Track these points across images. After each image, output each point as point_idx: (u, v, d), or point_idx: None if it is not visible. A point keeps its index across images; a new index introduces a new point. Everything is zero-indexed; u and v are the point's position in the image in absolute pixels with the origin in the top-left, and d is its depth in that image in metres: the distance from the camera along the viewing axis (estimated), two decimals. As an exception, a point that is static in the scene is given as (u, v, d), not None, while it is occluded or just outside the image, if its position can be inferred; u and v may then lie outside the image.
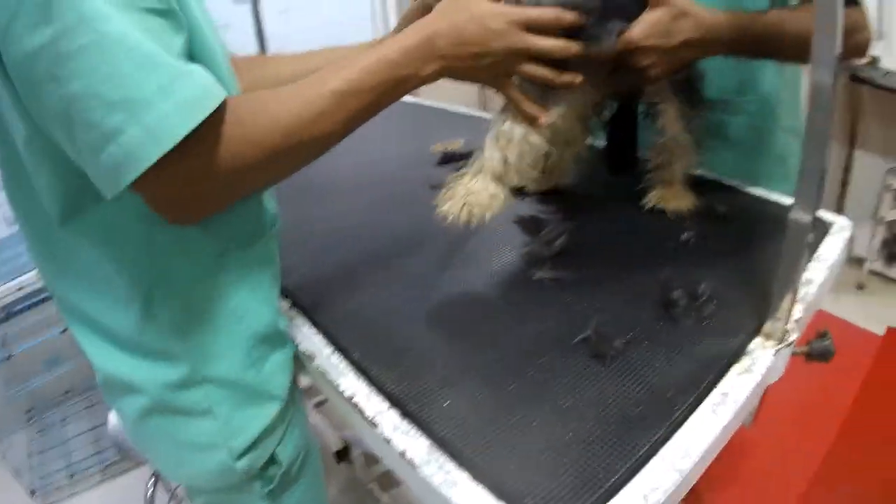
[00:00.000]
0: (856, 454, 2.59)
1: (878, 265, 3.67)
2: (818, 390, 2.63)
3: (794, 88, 1.58)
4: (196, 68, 0.75)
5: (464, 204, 1.06)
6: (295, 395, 1.13)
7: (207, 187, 0.80)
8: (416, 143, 1.07)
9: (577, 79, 1.03)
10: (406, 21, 1.24)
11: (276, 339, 1.05)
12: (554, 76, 1.00)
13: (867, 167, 3.83)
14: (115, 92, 0.69)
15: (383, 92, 0.91)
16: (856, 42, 1.25)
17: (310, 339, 1.09)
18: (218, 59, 0.87)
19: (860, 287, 3.65)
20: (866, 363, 3.04)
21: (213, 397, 0.98)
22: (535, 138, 1.07)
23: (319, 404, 2.08)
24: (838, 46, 0.81)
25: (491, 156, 1.07)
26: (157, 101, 0.70)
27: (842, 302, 3.47)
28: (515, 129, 1.06)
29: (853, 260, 3.62)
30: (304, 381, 1.15)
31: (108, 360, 0.95)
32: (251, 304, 1.00)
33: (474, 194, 1.06)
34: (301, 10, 3.76)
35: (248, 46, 2.75)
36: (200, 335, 0.95)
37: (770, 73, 1.51)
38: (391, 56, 0.90)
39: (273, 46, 2.88)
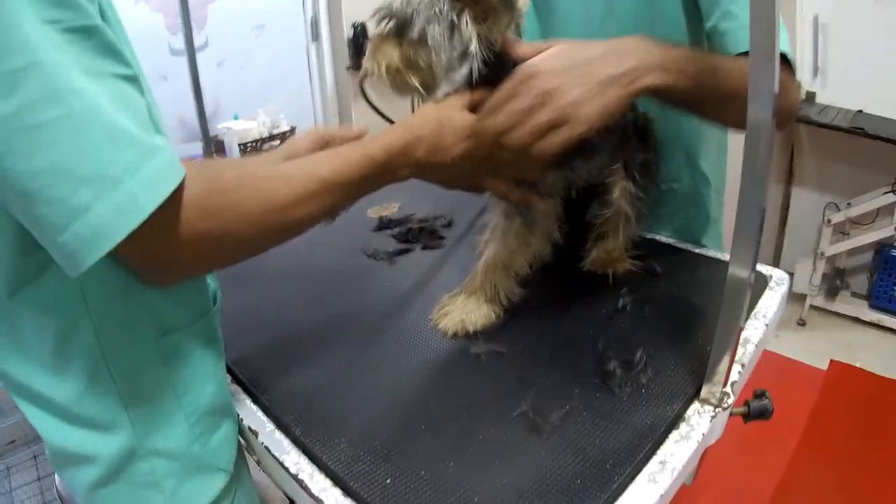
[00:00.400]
0: (805, 488, 2.62)
1: (819, 300, 3.74)
2: (765, 428, 2.66)
3: (721, 148, 1.60)
4: (162, 142, 0.74)
5: (461, 321, 1.22)
6: (242, 465, 1.12)
7: (186, 252, 0.79)
8: (352, 207, 1.07)
9: (532, 199, 1.15)
10: (294, 147, 1.20)
11: (222, 413, 1.04)
12: (510, 193, 1.12)
13: (805, 203, 3.90)
14: (84, 168, 0.67)
15: (363, 185, 0.97)
16: (781, 105, 1.21)
17: (253, 414, 1.08)
18: (157, 120, 0.87)
19: (802, 323, 3.71)
20: (811, 398, 3.08)
21: (159, 470, 0.96)
22: (519, 265, 1.22)
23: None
24: (776, 82, 0.79)
25: (483, 282, 1.23)
26: (126, 177, 0.69)
27: (784, 339, 3.52)
28: (500, 260, 1.21)
29: (794, 296, 3.67)
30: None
31: (54, 432, 0.93)
32: (195, 379, 0.99)
33: (469, 314, 1.23)
34: (237, 63, 3.78)
35: (185, 97, 2.74)
36: (145, 409, 0.94)
37: (702, 137, 1.52)
38: (375, 155, 0.97)
39: (209, 98, 2.88)
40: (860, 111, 3.47)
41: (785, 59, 1.14)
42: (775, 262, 4.07)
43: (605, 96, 0.98)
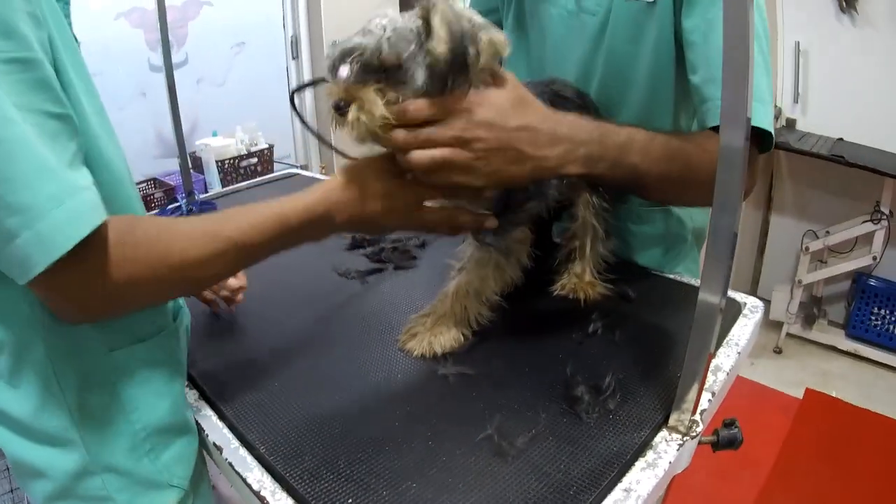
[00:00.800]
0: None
1: (796, 328, 3.74)
2: (736, 456, 2.65)
3: None
4: (86, 183, 0.76)
5: (428, 343, 1.21)
6: (200, 481, 1.12)
7: (95, 296, 0.81)
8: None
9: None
10: None
11: (175, 430, 1.04)
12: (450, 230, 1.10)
13: (784, 231, 3.91)
14: (11, 195, 0.69)
15: (274, 248, 0.96)
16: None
17: (218, 430, 1.07)
18: (113, 166, 0.89)
19: (778, 351, 3.71)
20: (785, 426, 3.08)
21: (111, 485, 0.97)
22: (490, 293, 1.22)
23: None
24: (749, 109, 0.79)
25: (452, 305, 1.22)
26: (49, 209, 0.70)
27: (760, 366, 3.52)
28: (472, 287, 1.21)
29: (771, 324, 3.68)
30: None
31: (12, 445, 0.95)
32: (144, 397, 0.99)
33: (437, 336, 1.22)
34: (216, 80, 3.82)
35: (163, 113, 2.73)
36: (94, 425, 0.95)
37: None
38: (290, 221, 0.94)
39: (187, 114, 2.87)
40: (840, 139, 3.49)
41: (764, 138, 1.14)
42: (753, 289, 4.09)
43: (510, 170, 0.99)
